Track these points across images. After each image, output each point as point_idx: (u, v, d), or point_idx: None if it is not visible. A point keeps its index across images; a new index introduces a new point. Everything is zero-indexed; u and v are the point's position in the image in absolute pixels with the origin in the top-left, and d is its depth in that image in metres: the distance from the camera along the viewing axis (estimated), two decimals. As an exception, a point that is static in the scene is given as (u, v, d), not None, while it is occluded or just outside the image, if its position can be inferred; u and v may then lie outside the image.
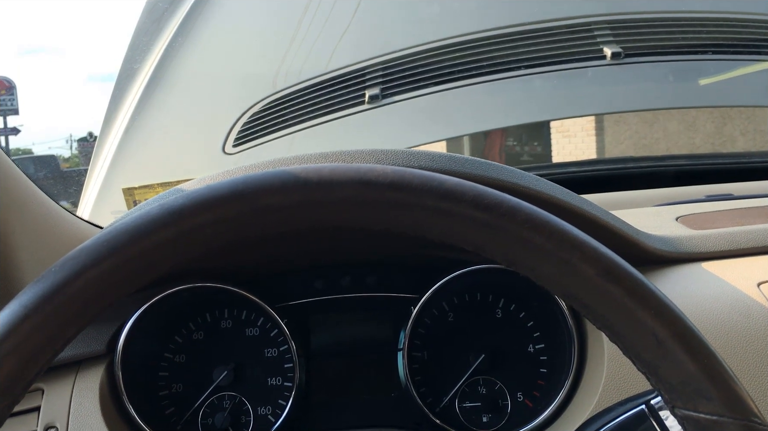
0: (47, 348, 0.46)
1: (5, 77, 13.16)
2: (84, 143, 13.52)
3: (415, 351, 0.94)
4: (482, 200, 0.47)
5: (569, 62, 1.95)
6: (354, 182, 0.47)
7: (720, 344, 0.80)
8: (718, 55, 2.00)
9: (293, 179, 0.48)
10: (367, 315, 0.98)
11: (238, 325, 0.95)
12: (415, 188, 0.47)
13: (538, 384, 0.93)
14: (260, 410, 0.93)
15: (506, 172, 0.83)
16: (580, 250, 0.47)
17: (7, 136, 12.94)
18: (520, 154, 10.03)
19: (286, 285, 0.98)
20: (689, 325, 0.47)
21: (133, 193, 1.41)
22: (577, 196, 0.87)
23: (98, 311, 0.47)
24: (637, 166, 1.81)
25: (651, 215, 1.17)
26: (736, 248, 0.94)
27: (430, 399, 0.93)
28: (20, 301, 0.45)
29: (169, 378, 0.94)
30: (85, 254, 0.46)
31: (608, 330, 0.49)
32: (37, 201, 0.88)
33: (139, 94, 1.83)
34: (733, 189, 1.45)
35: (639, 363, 0.49)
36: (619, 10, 2.06)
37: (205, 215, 0.47)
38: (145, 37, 1.94)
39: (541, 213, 0.48)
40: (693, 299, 0.85)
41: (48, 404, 0.82)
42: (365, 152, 0.81)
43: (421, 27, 2.08)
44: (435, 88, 1.92)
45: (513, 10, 2.11)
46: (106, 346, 0.87)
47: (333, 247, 0.94)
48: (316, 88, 1.92)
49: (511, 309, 0.95)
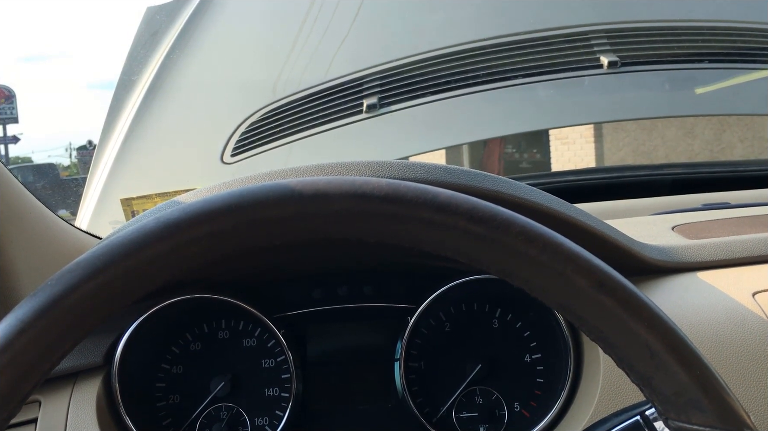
0: (44, 362, 0.46)
1: (5, 86, 13.18)
2: (83, 151, 13.53)
3: (412, 361, 0.94)
4: (476, 213, 0.48)
5: (566, 71, 1.96)
6: (349, 195, 0.48)
7: (715, 354, 0.80)
8: (714, 63, 2.01)
9: (289, 192, 0.48)
10: (363, 325, 0.98)
11: (235, 336, 0.96)
12: (409, 201, 0.48)
13: (534, 394, 0.93)
14: (258, 421, 0.93)
15: (501, 183, 0.83)
16: (574, 262, 0.48)
17: (7, 145, 12.95)
18: (519, 161, 10.05)
19: (283, 296, 0.98)
20: (682, 337, 0.48)
21: (131, 204, 1.41)
22: (572, 207, 0.88)
23: (95, 324, 0.47)
24: (634, 175, 1.82)
25: (647, 224, 1.17)
26: (732, 257, 0.94)
27: (427, 409, 0.93)
28: (16, 315, 0.46)
29: (166, 389, 0.94)
30: (81, 268, 0.46)
31: (602, 342, 0.49)
32: (36, 212, 0.88)
33: (138, 103, 1.83)
34: (729, 197, 1.46)
35: (632, 374, 0.49)
36: (615, 20, 2.07)
37: (201, 228, 0.47)
38: (143, 48, 1.94)
39: (535, 225, 0.49)
40: (688, 309, 0.86)
41: (45, 416, 0.82)
42: (361, 164, 0.81)
43: (418, 36, 2.09)
44: (433, 97, 1.93)
45: (510, 19, 2.12)
46: (103, 358, 0.87)
47: (330, 258, 0.94)
48: (314, 98, 1.93)
49: (507, 319, 0.96)
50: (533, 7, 2.19)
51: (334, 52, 2.01)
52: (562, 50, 1.99)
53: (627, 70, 1.92)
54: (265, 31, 2.20)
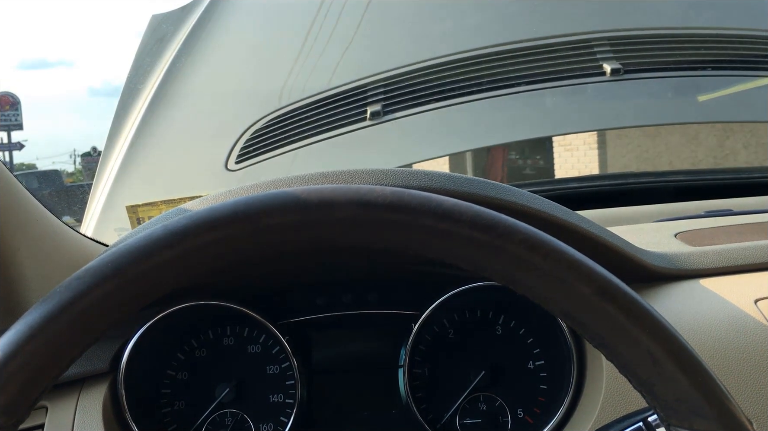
0: (52, 367, 0.47)
1: (9, 93, 13.24)
2: (88, 158, 13.57)
3: (416, 368, 0.95)
4: (479, 220, 0.48)
5: (569, 78, 1.96)
6: (354, 203, 0.48)
7: (717, 361, 0.80)
8: (717, 71, 2.02)
9: (294, 200, 0.49)
10: (368, 332, 0.99)
11: (240, 342, 0.96)
12: (413, 209, 0.48)
13: (538, 400, 0.93)
14: (262, 427, 0.93)
15: (504, 191, 0.84)
16: (576, 270, 0.48)
17: (11, 151, 13.00)
18: (523, 167, 10.03)
19: (287, 303, 0.98)
20: (684, 344, 0.48)
21: (137, 211, 1.42)
22: (575, 214, 0.88)
23: (103, 330, 0.48)
24: (637, 182, 1.82)
25: (650, 231, 1.18)
26: (734, 265, 0.94)
27: (430, 415, 0.93)
28: (26, 321, 0.46)
29: (172, 395, 0.94)
30: (90, 274, 0.47)
31: (604, 349, 0.50)
32: (42, 219, 0.89)
33: (143, 110, 1.84)
34: (733, 204, 1.46)
35: (635, 381, 0.50)
36: (618, 27, 2.07)
37: (208, 236, 0.48)
38: (148, 56, 1.96)
39: (538, 233, 0.49)
40: (691, 316, 0.86)
41: (52, 422, 0.83)
42: (365, 172, 0.82)
43: (422, 44, 2.10)
44: (436, 105, 1.94)
45: (514, 27, 2.13)
46: (110, 364, 0.88)
47: (334, 265, 0.95)
48: (318, 105, 1.94)
49: (511, 326, 0.96)
50: (537, 14, 2.19)
51: (338, 59, 2.02)
52: (565, 58, 1.99)
53: (630, 77, 1.92)
54: (269, 39, 2.21)
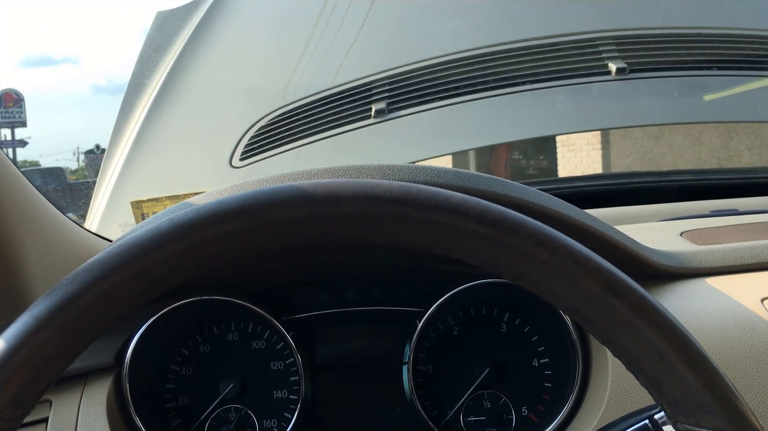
0: (58, 360, 0.47)
1: (13, 89, 13.26)
2: (91, 155, 13.61)
3: (420, 365, 0.95)
4: (487, 215, 0.48)
5: (574, 77, 1.96)
6: (361, 197, 0.48)
7: (723, 359, 0.80)
8: (722, 71, 2.01)
9: (301, 194, 0.48)
10: (372, 328, 0.99)
11: (244, 338, 0.96)
12: (420, 203, 0.48)
13: (542, 398, 0.93)
14: (266, 423, 0.93)
15: (511, 187, 0.84)
16: (584, 265, 0.48)
17: (15, 148, 13.02)
18: (526, 167, 10.03)
19: (292, 299, 0.98)
20: (691, 340, 0.48)
21: (141, 206, 1.42)
22: (581, 211, 0.88)
23: (109, 323, 0.48)
24: (642, 181, 1.81)
25: (656, 230, 1.17)
26: (740, 263, 0.94)
27: (435, 412, 0.93)
28: (32, 313, 0.46)
29: (176, 390, 0.94)
30: (96, 267, 0.47)
31: (611, 345, 0.50)
32: (48, 214, 0.89)
33: (148, 107, 1.84)
34: (738, 204, 1.45)
35: (642, 377, 0.50)
36: (624, 26, 2.07)
37: (215, 229, 0.48)
38: (153, 52, 1.95)
39: (545, 228, 0.49)
40: (697, 314, 0.86)
41: (56, 415, 0.83)
42: (372, 167, 0.82)
43: (427, 42, 2.09)
44: (441, 103, 1.93)
45: (519, 25, 2.12)
46: (114, 358, 0.88)
47: (339, 261, 0.95)
48: (323, 102, 1.94)
49: (515, 323, 0.96)
50: (542, 13, 2.19)
51: (343, 57, 2.02)
52: (570, 56, 1.99)
53: (635, 76, 1.92)
54: (274, 36, 2.21)
